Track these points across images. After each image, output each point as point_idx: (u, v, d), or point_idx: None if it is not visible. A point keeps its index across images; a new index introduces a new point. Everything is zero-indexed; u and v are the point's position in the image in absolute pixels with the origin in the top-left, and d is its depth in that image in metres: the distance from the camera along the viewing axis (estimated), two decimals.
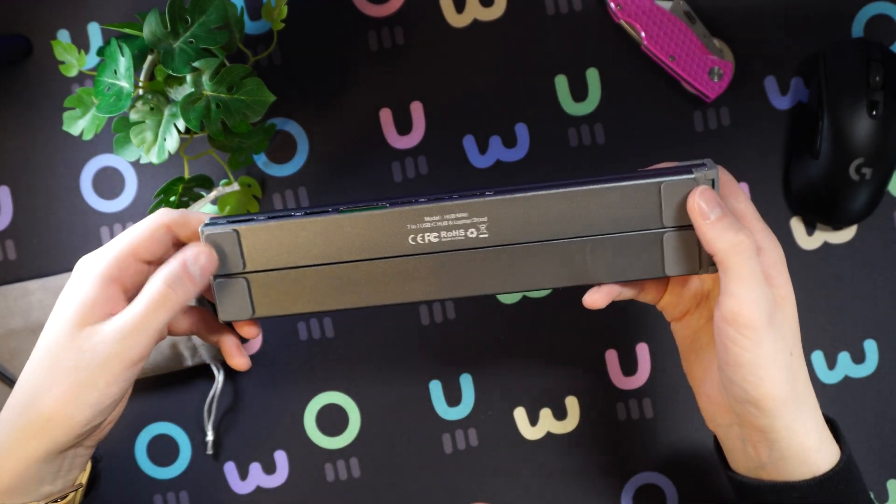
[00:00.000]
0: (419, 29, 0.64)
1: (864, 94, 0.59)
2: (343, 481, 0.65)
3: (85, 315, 0.45)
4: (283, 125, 0.65)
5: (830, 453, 0.47)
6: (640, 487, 0.64)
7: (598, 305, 0.49)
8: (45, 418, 0.45)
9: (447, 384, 0.65)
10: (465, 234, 0.47)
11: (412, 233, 0.48)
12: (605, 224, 0.47)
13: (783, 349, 0.45)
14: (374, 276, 0.48)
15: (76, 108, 0.57)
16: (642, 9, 0.62)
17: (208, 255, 0.47)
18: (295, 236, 0.48)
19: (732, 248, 0.44)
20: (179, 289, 0.46)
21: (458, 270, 0.48)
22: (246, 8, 0.65)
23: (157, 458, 0.65)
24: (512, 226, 0.47)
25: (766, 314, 0.44)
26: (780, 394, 0.45)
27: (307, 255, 0.48)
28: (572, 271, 0.48)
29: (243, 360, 0.52)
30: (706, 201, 0.45)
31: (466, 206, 0.47)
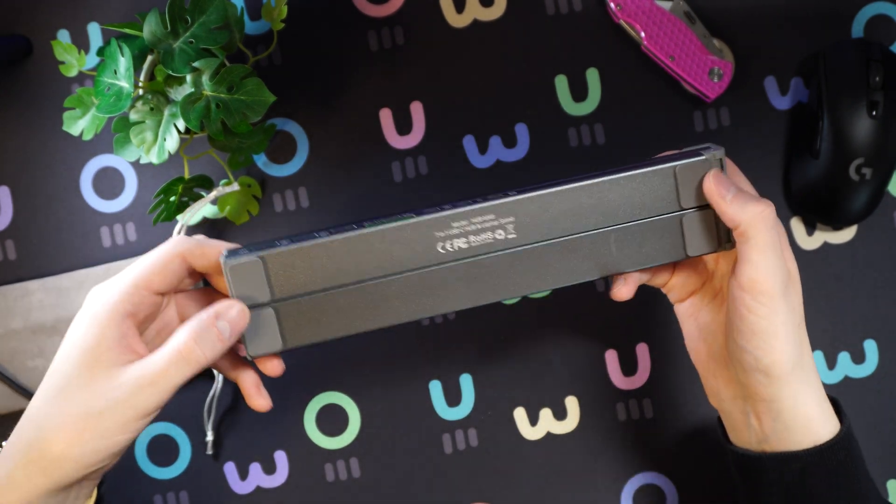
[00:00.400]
0: (419, 29, 0.64)
1: (864, 94, 0.59)
2: (343, 481, 0.65)
3: (100, 356, 0.43)
4: (283, 125, 0.65)
5: (832, 424, 0.48)
6: (640, 487, 0.64)
7: (626, 297, 0.50)
8: (51, 457, 0.43)
9: (447, 384, 0.65)
10: (493, 237, 0.47)
11: (441, 240, 0.47)
12: (626, 213, 0.48)
13: (793, 320, 0.46)
14: (406, 290, 0.47)
15: (76, 108, 0.57)
16: (642, 9, 0.62)
17: (240, 311, 0.45)
18: (322, 258, 0.46)
19: (754, 217, 0.45)
20: (207, 348, 0.44)
21: (491, 274, 0.48)
22: (246, 8, 0.65)
23: (157, 458, 0.65)
24: (538, 223, 0.48)
25: (782, 283, 0.46)
26: (788, 361, 0.46)
27: (337, 277, 0.47)
28: (600, 263, 0.49)
29: (264, 402, 0.49)
30: (720, 181, 0.47)
31: (492, 208, 0.47)
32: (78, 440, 0.43)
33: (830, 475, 0.48)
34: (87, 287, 0.63)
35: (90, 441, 0.43)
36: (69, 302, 0.63)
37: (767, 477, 0.49)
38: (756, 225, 0.45)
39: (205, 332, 0.44)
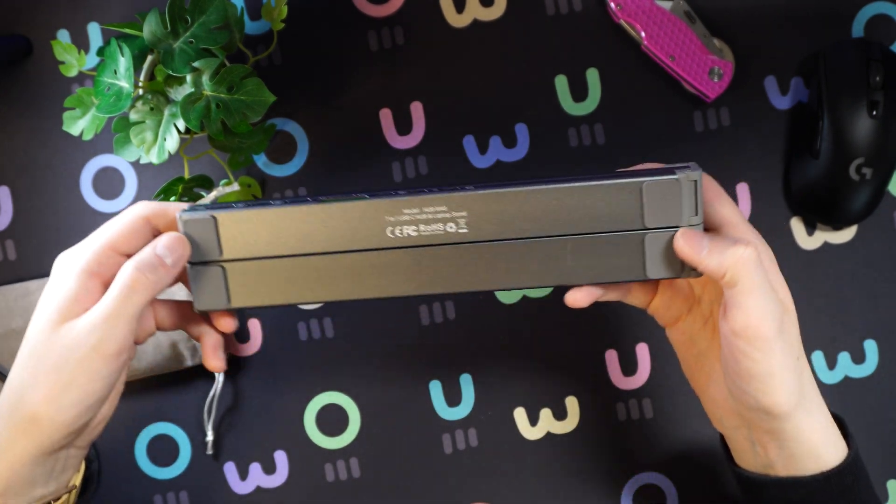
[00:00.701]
0: (419, 29, 0.64)
1: (864, 94, 0.59)
2: (343, 481, 0.65)
3: (64, 311, 0.45)
4: (283, 125, 0.65)
5: (838, 449, 0.47)
6: (640, 487, 0.64)
7: (579, 304, 0.48)
8: (31, 419, 0.44)
9: (447, 384, 0.65)
10: (444, 229, 0.47)
11: (390, 225, 0.47)
12: (586, 223, 0.46)
13: (790, 358, 0.45)
14: (351, 268, 0.48)
15: (76, 108, 0.57)
16: (642, 9, 0.62)
17: (179, 239, 0.47)
18: (273, 225, 0.47)
19: (736, 263, 0.43)
20: (150, 273, 0.45)
21: (437, 266, 0.47)
22: (246, 8, 0.65)
23: (157, 458, 0.65)
24: (492, 221, 0.46)
25: (777, 323, 0.44)
26: (789, 400, 0.45)
27: (285, 245, 0.48)
28: (552, 271, 0.47)
29: (218, 363, 0.51)
30: (690, 238, 0.45)
31: (446, 200, 0.46)
32: (53, 396, 0.44)
33: (836, 499, 0.47)
34: None
35: (64, 394, 0.44)
36: None
37: (771, 499, 0.48)
38: (740, 270, 0.43)
39: (146, 260, 0.46)
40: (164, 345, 0.62)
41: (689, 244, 0.45)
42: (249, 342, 0.65)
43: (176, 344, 0.62)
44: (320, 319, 0.65)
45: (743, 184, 0.64)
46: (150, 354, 0.62)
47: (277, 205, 0.47)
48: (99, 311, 0.44)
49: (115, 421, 0.65)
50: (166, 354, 0.62)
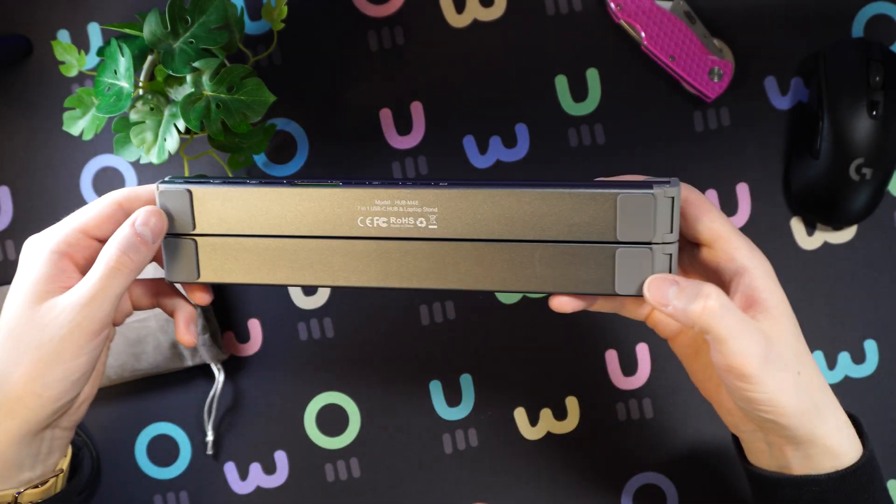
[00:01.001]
0: (419, 29, 0.64)
1: (864, 94, 0.59)
2: (343, 481, 0.65)
3: (40, 291, 0.45)
4: (283, 125, 0.65)
5: (854, 448, 0.47)
6: (640, 487, 0.64)
7: (564, 310, 0.47)
8: (14, 398, 0.44)
9: (447, 384, 0.65)
10: (414, 223, 0.47)
11: (361, 214, 0.47)
12: (556, 230, 0.45)
13: (788, 377, 0.44)
14: (320, 255, 0.48)
15: (76, 108, 0.57)
16: (642, 9, 0.62)
17: (157, 215, 0.47)
18: (246, 203, 0.48)
19: (703, 313, 0.43)
20: (133, 253, 0.46)
21: (405, 260, 0.47)
22: (246, 8, 0.65)
23: (157, 458, 0.65)
24: (462, 220, 0.46)
25: (759, 358, 0.43)
26: (795, 413, 0.45)
27: (256, 225, 0.48)
28: (520, 276, 0.46)
29: (190, 337, 0.51)
30: (658, 289, 0.44)
31: (418, 195, 0.46)
32: (37, 372, 0.44)
33: (850, 498, 0.47)
34: None
35: (48, 370, 0.44)
36: None
37: (785, 497, 0.48)
38: (707, 321, 0.43)
39: (127, 240, 0.46)
40: (164, 345, 0.62)
41: (655, 295, 0.44)
42: (249, 342, 0.65)
43: (176, 344, 0.62)
44: (320, 319, 0.65)
45: (743, 184, 0.64)
46: (150, 354, 0.62)
47: (253, 184, 0.48)
48: (83, 291, 0.45)
49: (115, 421, 0.65)
50: (166, 354, 0.62)
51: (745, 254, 0.46)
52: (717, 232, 0.46)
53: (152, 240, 0.47)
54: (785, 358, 0.45)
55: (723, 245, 0.46)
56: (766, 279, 0.45)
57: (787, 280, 0.64)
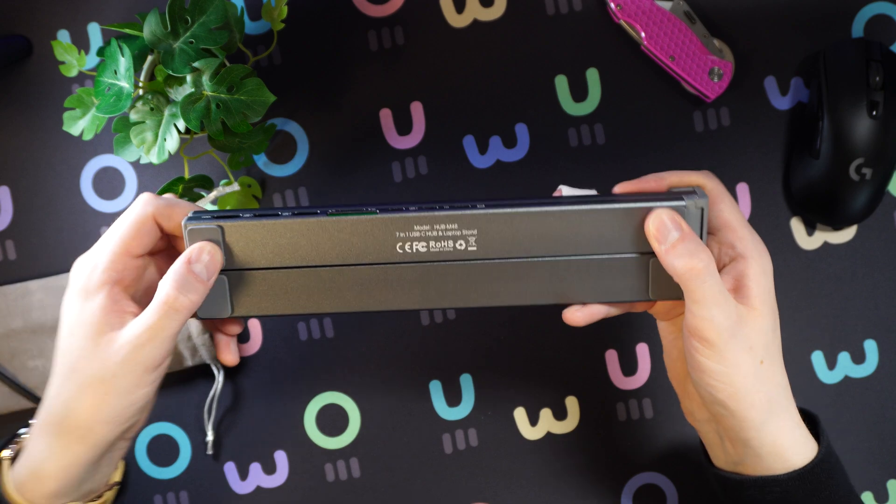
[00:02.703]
0: (419, 29, 0.64)
1: (864, 94, 0.59)
2: (343, 481, 0.65)
3: (98, 325, 0.45)
4: (283, 125, 0.65)
5: (807, 449, 0.48)
6: (640, 487, 0.64)
7: (577, 323, 0.49)
8: (85, 427, 0.45)
9: (447, 384, 0.65)
10: (453, 246, 0.47)
11: (400, 241, 0.47)
12: (594, 245, 0.47)
13: (750, 358, 0.45)
14: (358, 282, 0.48)
15: (76, 108, 0.57)
16: (642, 9, 0.62)
17: (212, 252, 0.47)
18: (280, 237, 0.47)
19: (686, 272, 0.45)
20: (190, 293, 0.46)
21: (445, 282, 0.48)
22: (246, 8, 0.65)
23: (157, 458, 0.65)
24: (501, 241, 0.47)
25: (727, 330, 0.45)
26: (745, 398, 0.46)
27: (291, 257, 0.48)
28: (558, 290, 0.48)
29: (232, 358, 0.52)
30: (660, 226, 0.46)
31: (457, 218, 0.47)
32: (102, 404, 0.45)
33: (813, 494, 0.47)
34: None
35: (113, 402, 0.45)
36: None
37: (749, 498, 0.48)
38: (688, 280, 0.45)
39: (183, 279, 0.46)
40: None
41: (655, 229, 0.46)
42: (249, 342, 0.65)
43: (176, 344, 0.62)
44: (320, 319, 0.65)
45: (743, 184, 0.64)
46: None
47: (286, 216, 0.47)
48: (142, 329, 0.45)
49: None
50: None
51: (747, 245, 0.47)
52: (726, 220, 0.48)
53: (207, 277, 0.47)
54: (751, 342, 0.46)
55: (728, 234, 0.47)
56: (759, 272, 0.47)
57: (787, 280, 0.64)
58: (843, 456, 0.63)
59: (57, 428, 0.46)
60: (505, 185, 0.64)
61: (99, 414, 0.45)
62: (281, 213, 0.48)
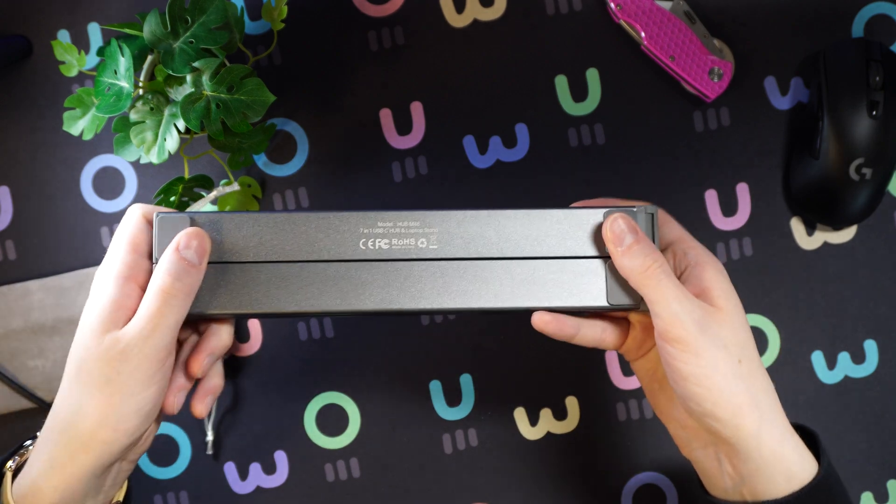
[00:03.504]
0: (419, 29, 0.64)
1: (864, 94, 0.59)
2: (343, 481, 0.65)
3: (106, 321, 0.45)
4: (283, 125, 0.65)
5: (807, 461, 0.47)
6: (640, 487, 0.64)
7: (545, 328, 0.49)
8: (89, 434, 0.45)
9: (447, 384, 0.65)
10: (415, 243, 0.48)
11: (364, 237, 0.48)
12: (552, 247, 0.48)
13: (726, 357, 0.45)
14: (322, 279, 0.48)
15: (76, 108, 0.57)
16: (642, 9, 0.62)
17: (199, 235, 0.47)
18: (246, 230, 0.48)
19: (643, 273, 0.46)
20: (185, 277, 0.46)
21: (407, 281, 0.48)
22: (246, 8, 0.65)
23: (157, 458, 0.65)
24: (460, 239, 0.48)
25: (696, 326, 0.45)
26: (732, 401, 0.45)
27: (258, 252, 0.48)
28: (517, 292, 0.49)
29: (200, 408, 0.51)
30: (616, 229, 0.47)
31: (418, 216, 0.48)
32: (110, 406, 0.45)
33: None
34: (87, 287, 0.63)
35: (121, 404, 0.45)
36: (69, 302, 0.63)
37: None
38: (644, 280, 0.46)
39: (175, 265, 0.46)
40: None
41: (611, 232, 0.47)
42: (249, 342, 0.65)
43: None
44: (320, 319, 0.65)
45: (743, 184, 0.64)
46: None
47: (253, 212, 0.48)
48: (142, 322, 0.45)
49: None
50: None
51: (699, 252, 0.49)
52: (677, 234, 0.50)
53: (199, 261, 0.47)
54: (724, 341, 0.46)
55: (680, 244, 0.49)
56: (716, 274, 0.48)
57: (787, 280, 0.64)
58: (843, 456, 0.63)
59: (62, 435, 0.45)
60: (505, 185, 0.64)
61: (107, 418, 0.45)
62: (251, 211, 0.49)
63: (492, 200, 0.64)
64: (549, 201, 0.64)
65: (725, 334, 0.46)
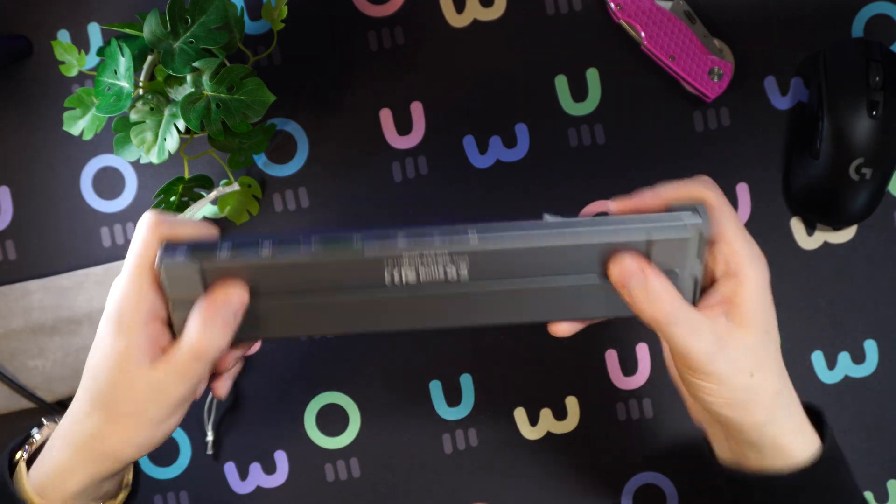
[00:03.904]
0: (419, 29, 0.64)
1: (864, 94, 0.59)
2: (343, 481, 0.65)
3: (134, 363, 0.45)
4: (283, 125, 0.65)
5: (810, 447, 0.48)
6: (640, 487, 0.64)
7: (563, 334, 0.49)
8: (113, 453, 0.46)
9: (447, 384, 0.65)
10: (444, 274, 0.46)
11: (389, 270, 0.45)
12: (589, 268, 0.46)
13: (737, 374, 0.45)
14: (345, 307, 0.47)
15: (76, 108, 0.57)
16: (642, 9, 0.62)
17: (237, 296, 0.46)
18: (261, 274, 0.45)
19: (652, 321, 0.45)
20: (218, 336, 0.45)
21: (435, 305, 0.47)
22: (246, 8, 0.65)
23: (157, 459, 0.65)
24: (493, 269, 0.46)
25: (706, 354, 0.45)
26: (742, 408, 0.46)
27: (274, 290, 0.46)
28: (540, 308, 0.47)
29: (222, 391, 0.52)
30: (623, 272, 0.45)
31: (449, 247, 0.45)
32: (136, 434, 0.46)
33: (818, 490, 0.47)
34: (87, 287, 0.63)
35: (145, 432, 0.46)
36: (69, 302, 0.63)
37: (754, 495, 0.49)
38: (657, 326, 0.45)
39: (210, 323, 0.45)
40: None
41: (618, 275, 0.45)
42: None
43: None
44: None
45: (743, 184, 0.64)
46: None
47: (266, 250, 0.45)
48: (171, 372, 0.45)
49: None
50: None
51: (741, 260, 0.46)
52: (722, 233, 0.47)
53: (235, 321, 0.46)
54: (737, 360, 0.45)
55: (723, 247, 0.47)
56: (751, 289, 0.46)
57: (787, 280, 0.64)
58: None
59: (83, 448, 0.47)
60: (505, 186, 0.64)
61: (131, 443, 0.46)
62: (262, 244, 0.45)
63: (492, 201, 0.64)
64: (550, 202, 0.64)
65: (737, 354, 0.45)
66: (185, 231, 0.47)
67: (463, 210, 0.64)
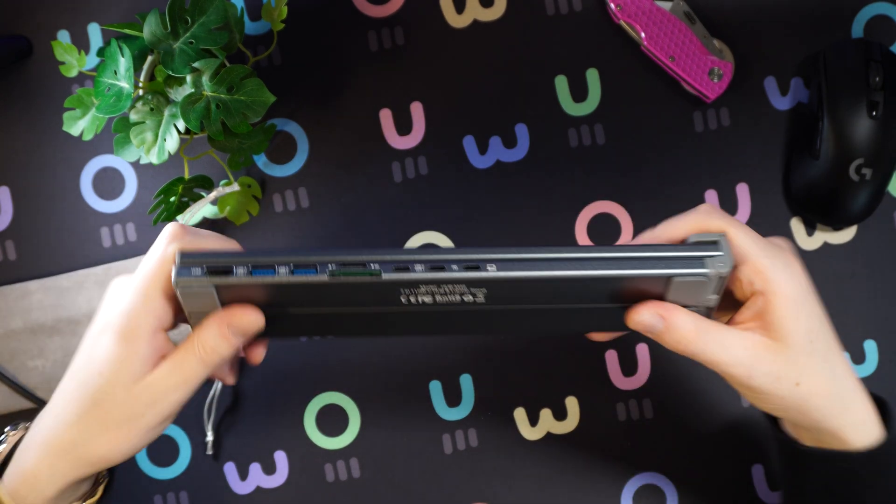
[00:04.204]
0: (419, 29, 0.64)
1: (864, 94, 0.59)
2: (343, 481, 0.65)
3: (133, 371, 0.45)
4: (283, 125, 0.65)
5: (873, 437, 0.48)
6: (640, 487, 0.64)
7: (601, 339, 0.52)
8: (96, 459, 0.46)
9: (447, 384, 0.65)
10: (461, 300, 0.46)
11: (406, 294, 0.45)
12: (607, 299, 0.47)
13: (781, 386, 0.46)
14: (359, 318, 0.47)
15: (76, 108, 0.57)
16: (642, 9, 0.62)
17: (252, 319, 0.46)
18: (277, 292, 0.45)
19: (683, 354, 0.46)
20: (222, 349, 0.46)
21: (449, 318, 0.47)
22: (246, 8, 0.65)
23: (157, 458, 0.65)
24: (511, 297, 0.46)
25: (745, 371, 0.46)
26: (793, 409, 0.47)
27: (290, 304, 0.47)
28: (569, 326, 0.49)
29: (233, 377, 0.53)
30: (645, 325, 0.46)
31: (465, 280, 0.45)
32: (125, 441, 0.46)
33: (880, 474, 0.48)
34: (87, 287, 0.63)
35: (135, 439, 0.46)
36: (69, 302, 0.63)
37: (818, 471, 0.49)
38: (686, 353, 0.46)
39: (217, 339, 0.46)
40: None
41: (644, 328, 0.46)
42: None
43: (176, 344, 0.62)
44: None
45: (743, 184, 0.64)
46: None
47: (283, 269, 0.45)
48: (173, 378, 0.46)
49: None
50: None
51: (766, 278, 0.46)
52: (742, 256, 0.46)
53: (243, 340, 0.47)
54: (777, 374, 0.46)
55: (745, 270, 0.46)
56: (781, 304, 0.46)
57: None
58: None
59: (65, 456, 0.46)
60: (505, 186, 0.64)
61: (118, 450, 0.46)
62: (277, 265, 0.45)
63: (492, 201, 0.64)
64: (550, 202, 0.64)
65: (777, 369, 0.46)
66: (206, 244, 0.47)
67: (463, 210, 0.64)
